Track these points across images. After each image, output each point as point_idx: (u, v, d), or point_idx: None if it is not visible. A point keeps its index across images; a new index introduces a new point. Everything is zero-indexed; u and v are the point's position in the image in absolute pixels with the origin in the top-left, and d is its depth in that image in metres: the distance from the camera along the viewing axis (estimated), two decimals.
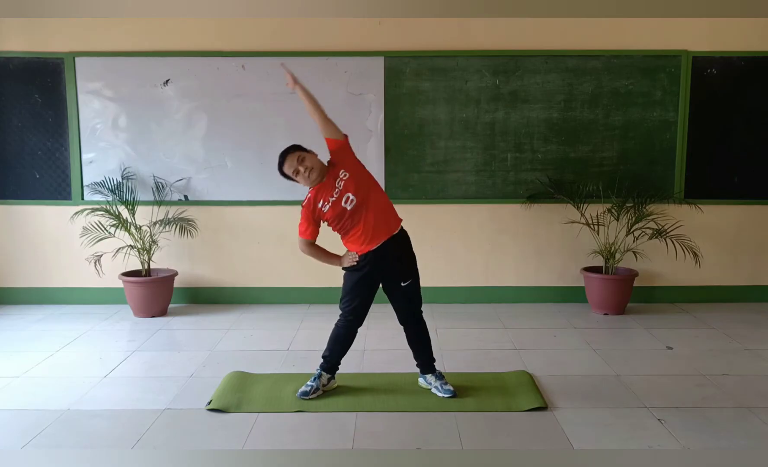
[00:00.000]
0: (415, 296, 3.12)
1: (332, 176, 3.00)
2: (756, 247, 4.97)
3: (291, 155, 3.03)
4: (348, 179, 2.98)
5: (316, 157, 3.06)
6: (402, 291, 3.06)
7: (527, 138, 4.81)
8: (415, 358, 3.21)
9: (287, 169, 3.03)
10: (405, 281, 3.05)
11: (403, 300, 3.10)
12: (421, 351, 3.18)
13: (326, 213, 3.00)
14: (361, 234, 2.99)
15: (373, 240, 2.98)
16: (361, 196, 2.97)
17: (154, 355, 3.78)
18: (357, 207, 2.97)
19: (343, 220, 3.00)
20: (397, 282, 3.05)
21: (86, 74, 4.73)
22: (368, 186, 3.04)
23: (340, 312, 3.12)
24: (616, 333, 4.21)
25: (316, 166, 3.01)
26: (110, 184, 4.73)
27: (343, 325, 3.10)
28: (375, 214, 2.98)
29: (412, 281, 3.08)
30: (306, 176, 2.98)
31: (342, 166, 3.02)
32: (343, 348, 3.14)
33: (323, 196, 3.00)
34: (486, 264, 4.97)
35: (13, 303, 4.96)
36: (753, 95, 4.79)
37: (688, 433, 2.69)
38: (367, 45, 4.72)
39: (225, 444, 2.63)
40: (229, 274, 4.98)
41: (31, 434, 2.72)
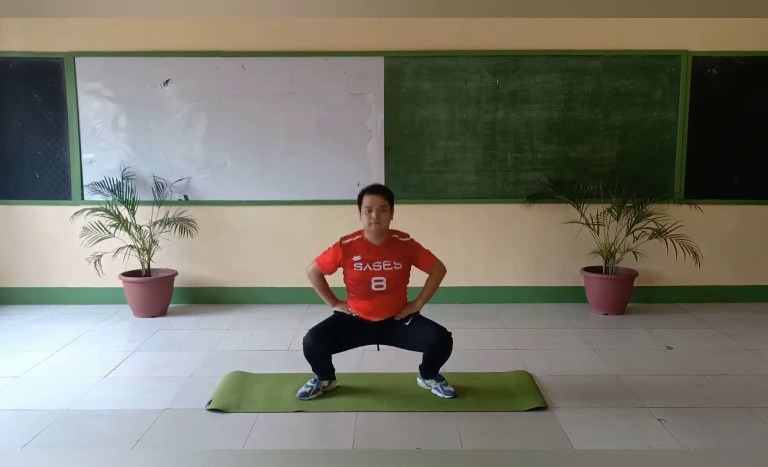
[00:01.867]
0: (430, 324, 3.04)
1: (388, 252, 2.98)
2: (756, 247, 4.97)
3: (381, 197, 2.96)
4: (395, 272, 2.98)
5: (390, 219, 3.01)
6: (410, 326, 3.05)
7: (527, 138, 4.81)
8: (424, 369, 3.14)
9: (367, 200, 2.95)
10: (407, 320, 3.06)
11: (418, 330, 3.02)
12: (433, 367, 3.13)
13: (353, 271, 2.99)
14: (367, 307, 3.02)
15: (374, 315, 3.03)
16: (390, 288, 2.99)
17: (154, 355, 3.78)
18: (379, 292, 2.99)
19: (360, 289, 3.01)
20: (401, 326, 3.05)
21: (86, 74, 4.73)
22: (404, 283, 3.06)
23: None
24: (616, 333, 4.20)
25: (384, 227, 2.97)
26: (110, 184, 4.73)
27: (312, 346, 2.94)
28: (386, 301, 3.01)
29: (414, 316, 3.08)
30: (371, 220, 2.93)
31: (403, 259, 3.00)
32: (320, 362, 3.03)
33: (365, 257, 2.98)
34: (486, 264, 4.97)
35: (13, 303, 4.96)
36: (753, 95, 4.79)
37: (688, 433, 2.69)
38: (367, 45, 4.72)
39: (225, 444, 2.63)
40: (229, 274, 4.98)
41: (31, 434, 2.71)
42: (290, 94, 4.77)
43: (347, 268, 3.03)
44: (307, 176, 4.83)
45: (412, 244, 3.08)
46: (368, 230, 2.99)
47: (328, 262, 3.07)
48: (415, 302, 3.11)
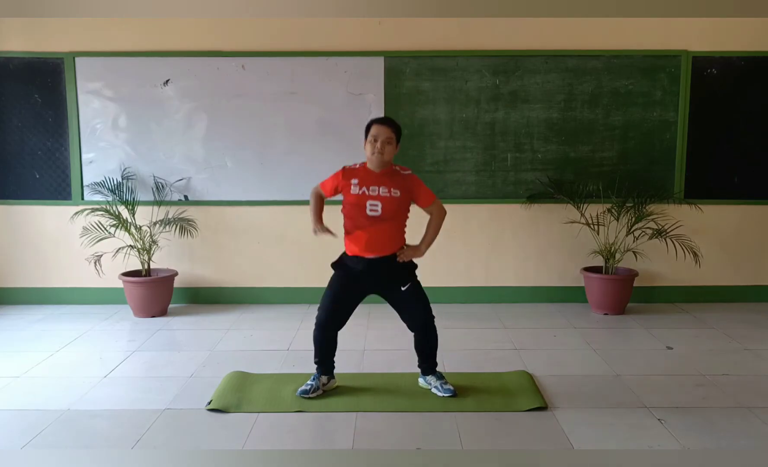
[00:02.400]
0: (421, 301, 3.06)
1: (387, 179, 2.96)
2: (756, 247, 4.97)
3: (388, 128, 2.96)
4: (392, 198, 2.94)
5: (394, 153, 3.00)
6: (404, 296, 3.03)
7: (527, 138, 4.81)
8: (420, 363, 3.19)
9: (375, 130, 2.95)
10: (404, 284, 3.02)
11: (409, 306, 3.05)
12: (427, 357, 3.16)
13: (350, 194, 2.97)
14: (363, 238, 2.96)
15: (368, 250, 2.97)
16: (385, 214, 2.95)
17: (154, 355, 3.78)
18: (374, 218, 2.95)
19: (355, 213, 2.96)
20: (397, 288, 3.02)
21: (86, 74, 4.73)
22: (401, 216, 3.03)
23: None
24: (616, 333, 4.20)
25: (387, 158, 2.96)
26: (110, 184, 4.73)
27: (316, 326, 3.07)
28: (382, 232, 2.96)
29: (412, 284, 3.05)
30: (375, 150, 2.92)
31: (401, 189, 2.97)
32: (326, 350, 3.10)
33: (363, 181, 2.96)
34: (486, 264, 4.97)
35: (13, 303, 4.96)
36: (753, 95, 4.79)
37: (688, 433, 2.69)
38: (367, 45, 4.72)
39: (225, 444, 2.63)
40: (229, 274, 4.98)
41: (31, 434, 2.71)
42: (290, 94, 4.77)
43: (345, 192, 3.00)
44: (307, 176, 4.82)
45: (413, 177, 3.05)
46: (370, 159, 2.98)
47: (328, 184, 3.08)
48: (419, 246, 3.08)
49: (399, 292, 3.03)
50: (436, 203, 3.10)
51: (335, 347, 3.13)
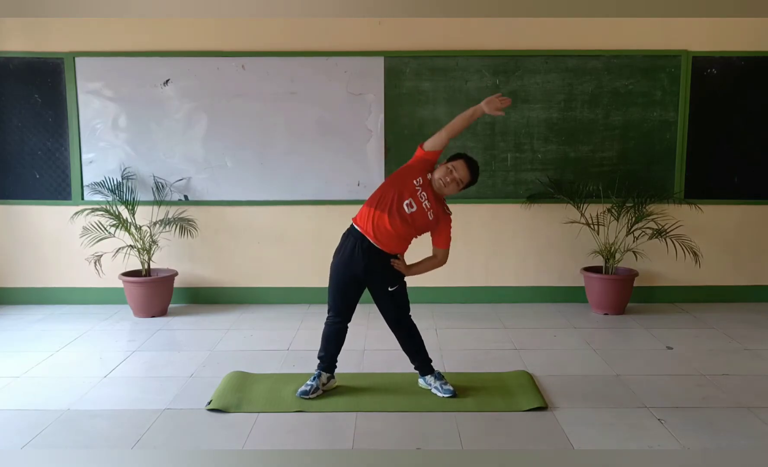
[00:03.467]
0: (403, 301, 3.12)
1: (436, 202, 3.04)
2: (756, 247, 4.97)
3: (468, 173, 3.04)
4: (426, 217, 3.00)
5: (454, 192, 3.07)
6: (389, 297, 3.07)
7: (527, 138, 4.81)
8: (412, 362, 3.21)
9: (460, 166, 3.01)
10: (392, 286, 3.06)
11: (391, 306, 3.10)
12: (416, 354, 3.18)
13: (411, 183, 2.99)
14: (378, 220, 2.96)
15: (375, 237, 2.98)
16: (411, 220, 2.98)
17: (154, 355, 3.78)
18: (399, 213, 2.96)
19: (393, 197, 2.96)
20: (384, 288, 3.05)
21: (86, 74, 4.73)
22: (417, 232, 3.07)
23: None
24: (616, 333, 4.21)
25: (447, 193, 3.06)
26: (110, 184, 4.73)
27: (328, 323, 3.13)
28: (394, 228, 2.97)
29: (399, 287, 3.09)
30: (445, 180, 2.99)
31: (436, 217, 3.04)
32: (336, 346, 3.15)
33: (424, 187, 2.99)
34: (486, 264, 4.97)
35: (13, 303, 4.96)
36: (753, 95, 4.79)
37: (688, 433, 2.69)
38: (367, 45, 4.72)
39: (225, 444, 2.63)
40: (229, 274, 4.98)
41: (31, 434, 2.71)
42: (290, 94, 4.77)
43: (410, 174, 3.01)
44: (307, 176, 4.83)
45: (448, 218, 3.12)
46: (435, 181, 3.02)
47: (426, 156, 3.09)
48: (410, 266, 3.13)
49: (385, 291, 3.07)
50: (446, 253, 3.17)
51: (342, 343, 3.16)
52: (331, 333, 3.13)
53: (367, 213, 3.02)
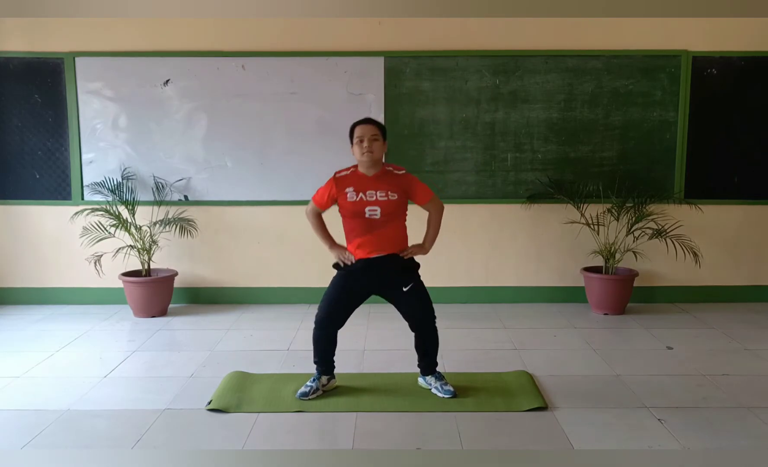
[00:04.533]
0: (424, 302, 3.04)
1: (383, 182, 2.96)
2: (756, 247, 4.97)
3: (372, 126, 2.98)
4: (390, 202, 2.94)
5: (383, 150, 3.00)
6: (406, 297, 3.01)
7: (527, 138, 4.81)
8: (419, 362, 3.19)
9: (359, 131, 2.97)
10: (406, 285, 3.01)
11: (411, 306, 3.03)
12: (426, 357, 3.15)
13: (347, 202, 2.96)
14: (363, 241, 2.96)
15: (370, 252, 2.96)
16: (384, 218, 2.95)
17: (154, 355, 3.78)
18: (374, 221, 2.94)
19: (355, 221, 2.96)
20: (399, 289, 3.01)
21: (86, 74, 4.73)
22: (400, 216, 3.02)
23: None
24: (616, 333, 4.20)
25: (377, 156, 2.96)
26: (110, 184, 4.73)
27: (315, 326, 3.05)
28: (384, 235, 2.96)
29: (414, 285, 3.03)
30: (364, 150, 2.92)
31: (398, 190, 2.96)
32: (325, 349, 3.08)
33: (358, 187, 2.95)
34: (486, 264, 4.97)
35: (13, 303, 4.96)
36: (753, 95, 4.79)
37: (688, 433, 2.69)
38: (367, 45, 4.72)
39: (225, 444, 2.63)
40: (229, 274, 4.98)
41: (31, 434, 2.71)
42: (290, 94, 4.77)
43: (341, 200, 2.99)
44: (307, 176, 4.82)
45: (407, 176, 3.04)
46: (361, 161, 2.97)
47: (322, 197, 3.06)
48: (423, 244, 3.09)
49: (400, 292, 3.01)
50: (434, 199, 3.10)
51: (335, 346, 3.12)
52: (321, 338, 3.07)
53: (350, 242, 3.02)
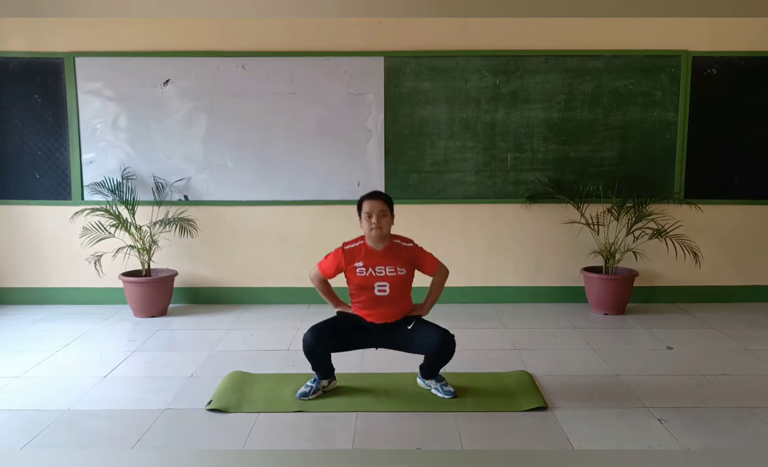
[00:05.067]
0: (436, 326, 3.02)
1: (391, 257, 2.98)
2: (756, 247, 4.97)
3: (380, 201, 2.97)
4: (398, 277, 2.97)
5: (391, 224, 3.01)
6: (414, 331, 3.02)
7: (527, 138, 4.81)
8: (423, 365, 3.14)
9: (367, 206, 2.96)
10: (409, 324, 3.03)
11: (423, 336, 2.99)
12: (434, 368, 3.11)
13: (356, 276, 2.98)
14: (373, 314, 3.01)
15: (377, 318, 3.02)
16: (394, 294, 2.98)
17: (154, 355, 3.78)
18: (383, 298, 2.98)
19: (364, 294, 3.00)
20: (404, 329, 3.02)
21: (86, 74, 4.73)
22: (408, 287, 3.05)
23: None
24: (616, 333, 4.20)
25: (385, 232, 2.97)
26: (110, 184, 4.73)
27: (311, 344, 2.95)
28: (394, 307, 3.00)
29: (417, 320, 3.05)
30: (372, 226, 2.93)
31: (406, 265, 2.99)
32: (321, 360, 3.03)
33: (367, 262, 2.97)
34: (486, 264, 4.97)
35: (13, 303, 4.96)
36: (753, 95, 4.79)
37: (688, 433, 2.69)
38: (367, 45, 4.72)
39: (225, 444, 2.63)
40: (229, 274, 4.98)
41: (31, 434, 2.71)
42: (290, 94, 4.77)
43: (349, 274, 3.02)
44: (307, 176, 4.83)
45: (415, 249, 3.07)
46: (369, 236, 2.99)
47: (329, 268, 3.07)
48: (423, 305, 3.11)
49: (406, 332, 3.03)
50: (440, 268, 3.12)
51: (329, 357, 3.08)
52: (316, 354, 3.00)
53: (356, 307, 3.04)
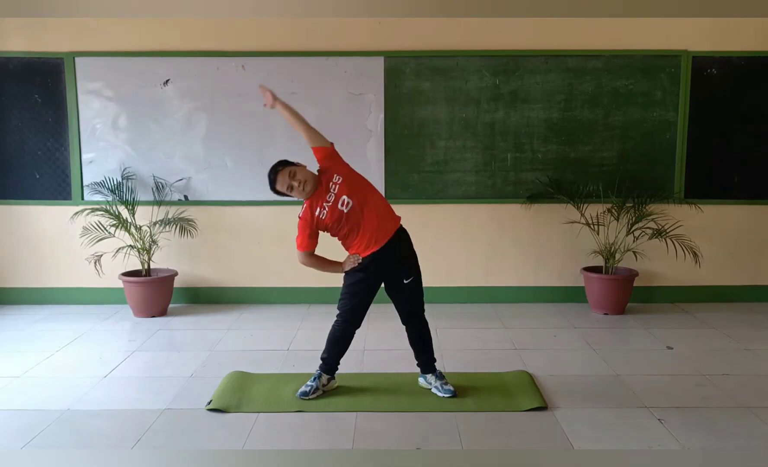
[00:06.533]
0: (418, 294, 3.10)
1: (325, 182, 3.00)
2: (756, 247, 4.97)
3: (282, 171, 3.01)
4: (341, 183, 2.97)
5: (305, 168, 3.05)
6: (405, 289, 3.06)
7: (527, 138, 4.81)
8: (416, 358, 3.21)
9: (280, 186, 3.01)
10: (407, 278, 3.05)
11: (406, 298, 3.08)
12: (423, 351, 3.17)
13: (325, 219, 2.98)
14: (363, 237, 2.98)
15: (376, 242, 2.97)
16: (357, 198, 2.96)
17: (154, 355, 3.78)
18: (354, 209, 2.95)
19: (342, 224, 2.98)
20: (400, 281, 3.04)
21: (86, 74, 4.73)
22: (363, 188, 3.02)
23: (337, 312, 3.11)
24: (616, 333, 4.20)
25: (309, 178, 2.99)
26: (110, 184, 4.73)
27: (339, 327, 3.09)
28: (374, 216, 2.97)
29: (414, 278, 3.07)
30: (300, 190, 2.97)
31: (333, 171, 3.02)
32: (341, 349, 3.13)
33: (319, 203, 2.98)
34: (486, 264, 4.97)
35: (13, 303, 4.96)
36: (753, 95, 4.79)
37: (688, 433, 2.69)
38: (367, 45, 4.72)
39: (225, 444, 2.63)
40: (229, 274, 4.98)
41: (31, 434, 2.72)
42: (290, 94, 4.76)
43: (321, 226, 3.02)
44: None
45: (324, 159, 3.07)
46: (305, 194, 2.99)
47: (306, 239, 3.06)
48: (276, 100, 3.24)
49: (401, 284, 3.05)
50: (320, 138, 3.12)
51: (348, 347, 3.15)
52: (338, 337, 3.09)
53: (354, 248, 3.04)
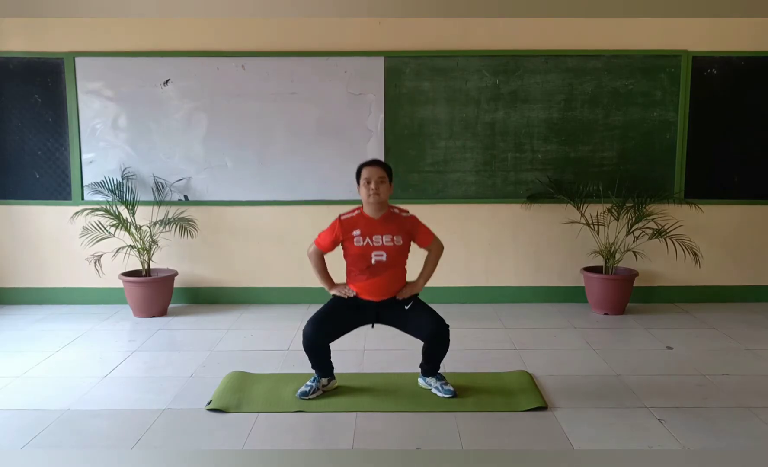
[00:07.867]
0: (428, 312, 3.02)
1: (389, 226, 2.97)
2: (756, 247, 4.97)
3: (379, 168, 2.98)
4: (395, 247, 2.97)
5: (389, 192, 3.01)
6: (409, 314, 3.02)
7: (527, 138, 4.81)
8: (422, 363, 3.16)
9: (366, 172, 2.97)
10: (407, 304, 3.03)
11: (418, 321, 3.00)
12: (430, 362, 3.13)
13: (353, 246, 2.97)
14: (370, 284, 2.99)
15: (376, 295, 3.00)
16: (390, 262, 2.97)
17: (154, 355, 3.78)
18: (379, 265, 2.96)
19: (360, 263, 2.98)
20: (401, 309, 3.02)
21: (86, 74, 4.73)
22: (404, 258, 3.04)
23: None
24: (616, 333, 4.21)
25: (383, 199, 2.97)
26: (110, 184, 4.73)
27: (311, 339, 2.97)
28: (390, 278, 2.99)
29: (414, 301, 3.05)
30: (370, 192, 2.93)
31: (402, 233, 2.99)
32: (321, 357, 3.05)
33: (365, 231, 2.96)
34: (486, 264, 4.97)
35: (12, 303, 4.96)
36: (753, 95, 4.79)
37: (688, 433, 2.69)
38: (367, 45, 4.72)
39: (225, 444, 2.63)
40: (229, 274, 4.98)
41: (31, 434, 2.71)
42: (290, 94, 4.77)
43: (347, 243, 3.01)
44: (307, 176, 4.83)
45: (412, 219, 3.07)
46: (367, 203, 2.98)
47: (326, 240, 3.06)
48: (417, 282, 3.09)
49: (403, 312, 3.03)
50: (435, 241, 3.12)
51: (328, 352, 3.09)
52: (314, 348, 3.02)
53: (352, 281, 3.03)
